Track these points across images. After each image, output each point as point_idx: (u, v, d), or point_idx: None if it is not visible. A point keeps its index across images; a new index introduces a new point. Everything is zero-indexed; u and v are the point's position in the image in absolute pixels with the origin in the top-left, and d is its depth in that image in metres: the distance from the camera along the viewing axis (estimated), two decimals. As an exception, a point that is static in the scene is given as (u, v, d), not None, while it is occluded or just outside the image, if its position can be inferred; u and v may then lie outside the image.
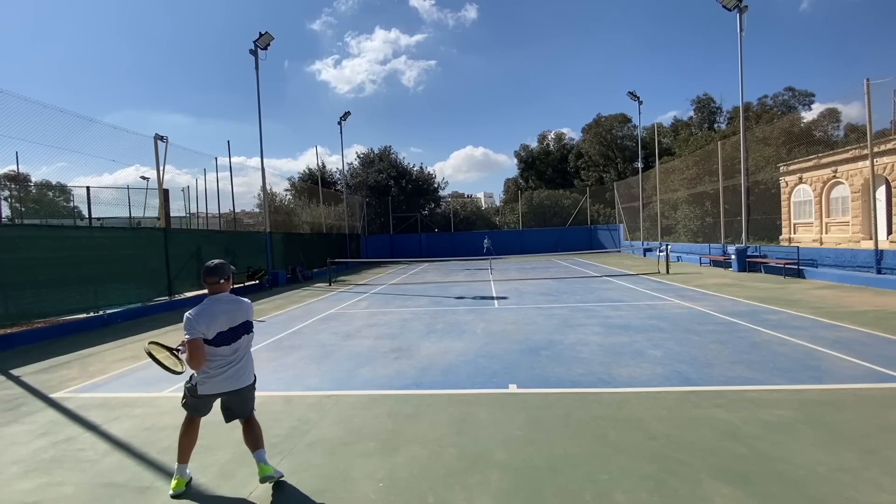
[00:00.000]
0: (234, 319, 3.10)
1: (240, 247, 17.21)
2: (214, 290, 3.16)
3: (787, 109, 36.54)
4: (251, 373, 3.24)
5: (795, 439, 3.53)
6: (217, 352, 3.04)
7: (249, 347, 3.25)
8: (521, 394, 4.83)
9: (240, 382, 3.13)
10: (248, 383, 3.20)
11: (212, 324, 3.01)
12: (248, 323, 3.20)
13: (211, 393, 3.09)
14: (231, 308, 3.13)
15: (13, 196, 19.19)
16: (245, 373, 3.17)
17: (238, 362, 3.12)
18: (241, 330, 3.14)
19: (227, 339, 3.06)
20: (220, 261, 3.24)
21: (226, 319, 3.07)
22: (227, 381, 3.08)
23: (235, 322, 3.10)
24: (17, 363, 7.02)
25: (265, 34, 18.58)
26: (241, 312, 3.15)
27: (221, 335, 3.04)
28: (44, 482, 3.36)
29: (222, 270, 3.21)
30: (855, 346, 6.12)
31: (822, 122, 29.26)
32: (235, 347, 3.10)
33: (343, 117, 29.59)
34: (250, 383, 3.22)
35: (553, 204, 38.07)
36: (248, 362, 3.22)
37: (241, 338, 3.13)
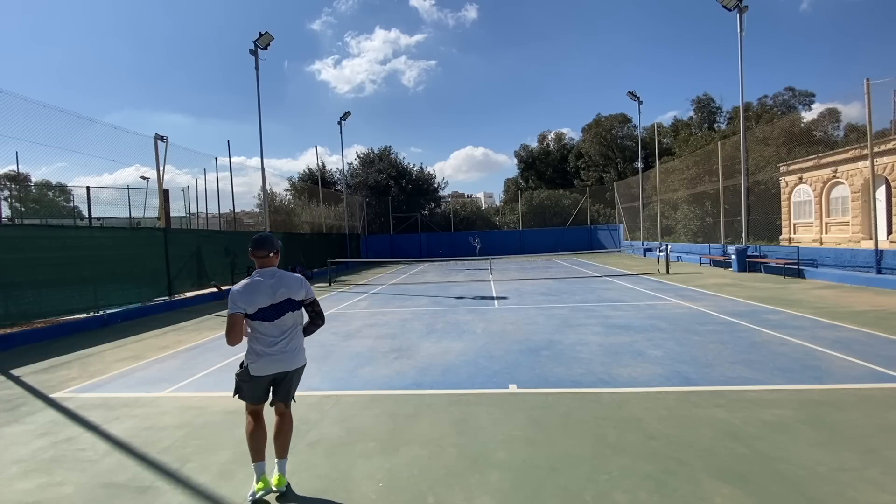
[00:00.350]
0: (277, 296, 2.99)
1: (240, 247, 17.20)
2: (262, 265, 3.06)
3: (787, 109, 36.53)
4: (301, 355, 3.14)
5: (795, 439, 3.53)
6: (260, 328, 2.97)
7: (297, 327, 3.13)
8: (521, 394, 4.83)
9: (289, 364, 3.05)
10: (298, 366, 3.12)
11: (253, 299, 2.93)
12: (292, 301, 3.04)
13: (263, 374, 3.00)
14: (274, 283, 3.01)
15: (13, 196, 19.20)
16: (294, 354, 3.08)
17: (286, 341, 3.03)
18: (286, 307, 3.01)
19: (270, 316, 2.96)
20: (268, 233, 3.13)
21: (268, 295, 2.97)
22: (277, 362, 3.00)
23: (277, 298, 2.98)
24: (17, 363, 7.02)
25: (265, 34, 18.57)
26: (283, 289, 3.02)
27: (263, 311, 2.95)
28: (44, 482, 3.36)
29: (271, 244, 3.08)
30: (855, 346, 6.12)
31: (822, 122, 29.25)
32: (280, 325, 3.00)
33: (343, 117, 29.59)
34: (300, 366, 3.14)
35: (553, 204, 38.07)
36: (298, 343, 3.12)
37: (285, 315, 3.01)
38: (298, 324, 3.15)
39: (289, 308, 3.03)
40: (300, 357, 3.14)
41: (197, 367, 6.38)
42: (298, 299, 3.08)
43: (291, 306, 3.05)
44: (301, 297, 3.09)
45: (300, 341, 3.15)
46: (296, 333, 3.12)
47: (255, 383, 3.04)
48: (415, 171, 40.59)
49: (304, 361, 3.18)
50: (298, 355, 3.12)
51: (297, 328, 3.13)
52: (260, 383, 3.05)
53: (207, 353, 7.19)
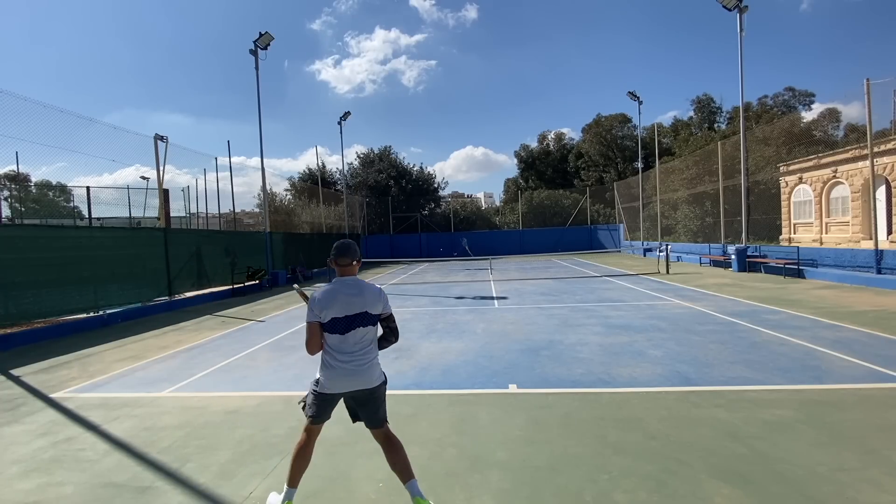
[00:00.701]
0: (352, 307, 2.73)
1: (240, 247, 17.21)
2: (343, 273, 2.84)
3: (787, 109, 36.54)
4: (376, 372, 2.82)
5: (795, 439, 3.53)
6: (330, 340, 2.75)
7: (371, 342, 2.83)
8: (521, 394, 4.83)
9: (362, 382, 2.76)
10: (373, 384, 2.79)
11: (328, 307, 2.71)
12: (368, 314, 2.77)
13: (332, 391, 2.76)
14: (351, 293, 2.76)
15: (13, 196, 19.21)
16: (368, 371, 2.77)
17: (358, 357, 2.75)
18: (358, 321, 2.74)
19: (341, 328, 2.72)
20: (350, 240, 2.92)
21: (343, 305, 2.73)
22: (346, 377, 2.73)
23: (352, 311, 2.73)
24: (17, 363, 7.02)
25: (265, 34, 18.59)
26: (359, 300, 2.75)
27: (335, 322, 2.72)
28: (44, 482, 3.36)
29: (354, 251, 2.86)
30: (855, 346, 6.12)
31: (822, 122, 29.25)
32: (352, 339, 2.74)
33: (343, 117, 29.60)
34: (375, 385, 2.81)
35: (553, 204, 38.08)
36: (371, 358, 2.81)
37: (357, 329, 2.74)
38: (372, 339, 2.85)
39: (361, 323, 2.76)
40: (375, 374, 2.81)
41: (197, 367, 6.38)
42: (375, 313, 2.81)
43: (366, 320, 2.78)
44: (378, 311, 2.83)
45: (374, 357, 2.85)
46: (369, 349, 2.82)
47: (323, 401, 2.80)
48: (415, 171, 40.63)
49: (380, 379, 2.85)
50: (372, 372, 2.80)
51: (370, 343, 2.83)
52: (326, 400, 2.80)
53: (207, 353, 7.19)
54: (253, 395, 5.12)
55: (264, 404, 4.80)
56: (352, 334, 2.74)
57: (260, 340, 7.96)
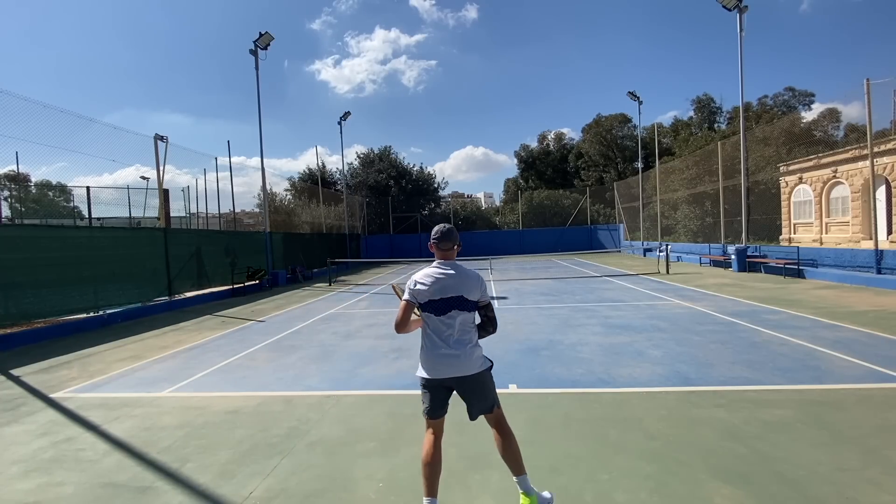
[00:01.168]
0: (446, 290, 2.71)
1: (240, 247, 17.22)
2: (443, 257, 2.82)
3: (787, 109, 36.53)
4: (476, 358, 2.77)
5: (795, 439, 3.53)
6: (429, 322, 2.74)
7: (470, 328, 2.79)
8: (521, 394, 4.82)
9: (461, 368, 2.71)
10: (474, 371, 2.74)
11: (425, 290, 2.71)
12: (462, 299, 2.71)
13: (432, 377, 2.72)
14: (447, 276, 2.74)
15: (13, 196, 19.21)
16: (467, 358, 2.72)
17: (455, 341, 2.71)
18: (453, 304, 2.71)
19: (436, 310, 2.71)
20: (451, 225, 2.90)
21: (438, 288, 2.71)
22: (445, 364, 2.70)
23: (447, 294, 2.70)
24: (17, 363, 7.02)
25: (265, 34, 18.60)
26: (455, 285, 2.72)
27: (431, 304, 2.71)
28: (44, 482, 3.36)
29: (455, 236, 2.85)
30: (855, 346, 6.12)
31: (822, 122, 29.24)
32: (447, 322, 2.71)
33: (343, 117, 29.61)
34: (477, 371, 2.76)
35: (553, 204, 38.07)
36: (470, 344, 2.76)
37: (452, 311, 2.71)
38: (470, 324, 2.80)
39: (457, 306, 2.72)
40: (476, 361, 2.76)
41: (197, 367, 6.38)
42: (472, 299, 2.75)
43: (462, 304, 2.72)
44: (475, 297, 2.77)
45: (473, 343, 2.79)
46: (467, 334, 2.77)
47: (427, 391, 2.78)
48: (415, 171, 40.63)
49: (483, 366, 2.80)
50: (473, 359, 2.75)
51: (469, 329, 2.79)
52: (434, 392, 2.77)
53: (208, 353, 7.19)
54: (253, 395, 5.12)
55: (264, 404, 4.80)
56: (447, 317, 2.71)
57: (260, 340, 7.96)
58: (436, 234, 2.82)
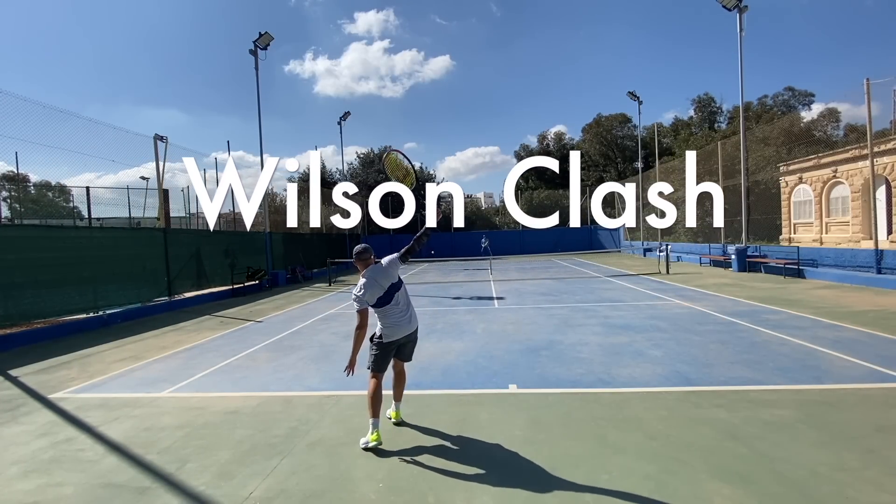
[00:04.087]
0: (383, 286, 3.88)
1: (240, 247, 17.21)
2: (366, 266, 3.95)
3: (787, 109, 36.56)
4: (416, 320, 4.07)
5: (795, 439, 3.53)
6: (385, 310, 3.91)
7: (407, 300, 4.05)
8: (521, 394, 4.82)
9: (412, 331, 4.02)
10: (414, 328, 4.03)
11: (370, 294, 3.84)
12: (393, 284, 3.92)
13: (394, 339, 3.92)
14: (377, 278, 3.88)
15: (12, 197, 19.21)
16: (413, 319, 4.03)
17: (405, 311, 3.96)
18: (392, 290, 3.90)
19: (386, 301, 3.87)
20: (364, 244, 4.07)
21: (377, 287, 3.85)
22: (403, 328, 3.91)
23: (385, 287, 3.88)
24: (16, 363, 7.02)
25: (265, 34, 18.61)
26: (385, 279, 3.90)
27: (380, 298, 3.85)
28: (43, 483, 3.35)
29: (369, 251, 4.03)
30: (855, 346, 6.11)
31: (822, 121, 29.26)
32: (396, 302, 3.90)
33: (343, 117, 29.61)
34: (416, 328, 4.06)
35: (553, 204, 37.98)
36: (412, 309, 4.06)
37: (394, 294, 3.90)
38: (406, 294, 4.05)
39: (395, 289, 3.92)
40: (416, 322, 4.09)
41: (197, 368, 6.38)
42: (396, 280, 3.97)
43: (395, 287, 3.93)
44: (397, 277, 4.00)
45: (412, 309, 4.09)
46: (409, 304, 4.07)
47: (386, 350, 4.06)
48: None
49: None
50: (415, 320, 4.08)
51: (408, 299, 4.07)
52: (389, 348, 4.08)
53: (207, 354, 7.18)
54: (253, 395, 5.12)
55: (264, 404, 4.80)
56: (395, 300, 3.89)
57: (260, 341, 7.96)
58: (355, 253, 3.98)
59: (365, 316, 3.75)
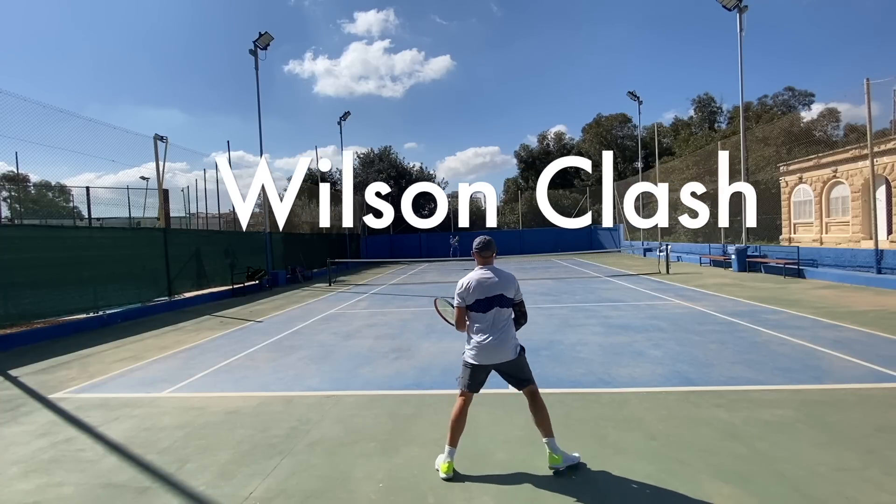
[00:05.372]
0: (490, 290, 3.24)
1: (239, 247, 17.22)
2: (484, 262, 3.35)
3: (787, 109, 36.55)
4: (512, 346, 3.29)
5: (795, 439, 3.53)
6: (474, 318, 3.27)
7: (506, 320, 3.30)
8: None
9: (503, 355, 3.25)
10: (511, 357, 3.28)
11: (472, 291, 3.25)
12: (502, 297, 3.25)
13: (478, 363, 3.26)
14: (489, 278, 3.26)
15: (12, 196, 19.20)
16: (505, 345, 3.26)
17: (497, 332, 3.24)
18: (494, 302, 3.23)
19: (482, 307, 3.23)
20: (489, 237, 3.42)
21: (483, 289, 3.23)
22: (490, 352, 3.23)
23: (490, 293, 3.24)
24: (16, 363, 7.02)
25: (265, 34, 18.61)
26: (496, 285, 3.24)
27: (479, 302, 3.23)
28: (43, 483, 3.35)
29: (494, 246, 3.41)
30: (855, 345, 6.11)
31: (821, 121, 29.26)
32: (490, 316, 3.24)
33: (343, 117, 29.61)
34: (514, 357, 3.30)
35: (553, 204, 37.92)
36: (507, 334, 3.29)
37: (493, 308, 3.23)
38: (507, 318, 3.32)
39: (498, 303, 3.25)
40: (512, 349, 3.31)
41: (197, 368, 6.38)
42: (509, 296, 3.30)
43: (501, 301, 3.26)
44: (511, 295, 3.31)
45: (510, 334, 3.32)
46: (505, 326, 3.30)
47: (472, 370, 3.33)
48: (415, 171, 40.62)
49: (516, 352, 3.33)
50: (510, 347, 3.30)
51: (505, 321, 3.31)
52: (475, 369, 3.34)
53: (207, 354, 7.18)
54: (253, 395, 5.12)
55: (264, 405, 4.80)
56: (490, 313, 3.23)
57: (260, 341, 7.96)
58: (478, 244, 3.38)
59: (461, 316, 3.28)
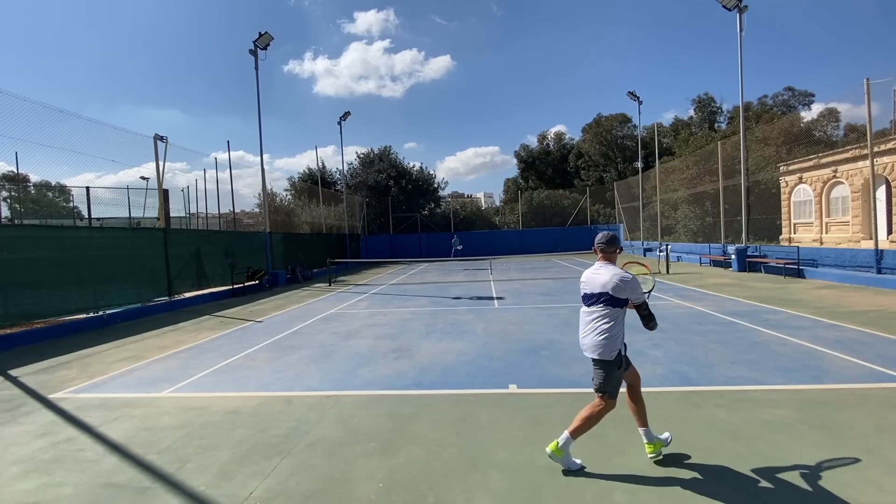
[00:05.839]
0: (593, 286, 3.30)
1: (239, 247, 17.21)
2: (603, 259, 3.39)
3: (787, 109, 36.56)
4: (595, 345, 3.24)
5: (795, 439, 3.53)
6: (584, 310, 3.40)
7: (597, 319, 3.27)
8: (521, 394, 4.82)
9: (586, 350, 3.33)
10: (590, 355, 3.29)
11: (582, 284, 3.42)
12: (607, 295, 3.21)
13: None
14: (597, 274, 3.31)
15: (12, 196, 19.21)
16: (588, 341, 3.30)
17: (586, 326, 3.34)
18: (594, 298, 3.28)
19: (586, 300, 3.38)
20: (613, 232, 3.44)
21: (589, 283, 3.34)
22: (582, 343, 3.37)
23: (592, 289, 3.31)
24: (16, 363, 7.02)
25: (264, 34, 18.59)
26: (601, 282, 3.25)
27: (585, 296, 3.39)
28: (43, 483, 3.35)
29: (617, 242, 3.43)
30: (855, 345, 6.11)
31: (821, 121, 29.25)
32: (588, 310, 3.34)
33: (343, 117, 29.60)
34: (594, 356, 3.26)
35: (553, 204, 38.05)
36: (594, 332, 3.26)
37: (594, 304, 3.28)
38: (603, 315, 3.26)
39: (599, 300, 3.26)
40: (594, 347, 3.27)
41: (197, 368, 6.38)
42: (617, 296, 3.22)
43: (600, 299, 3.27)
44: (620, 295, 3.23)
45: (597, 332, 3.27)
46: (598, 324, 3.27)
47: None
48: (415, 171, 40.60)
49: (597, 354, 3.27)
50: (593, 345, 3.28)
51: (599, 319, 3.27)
52: None
53: (207, 354, 7.18)
54: (253, 395, 5.12)
55: (264, 404, 4.80)
56: (591, 306, 3.33)
57: (260, 341, 7.96)
58: (601, 239, 3.40)
59: None
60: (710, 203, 23.26)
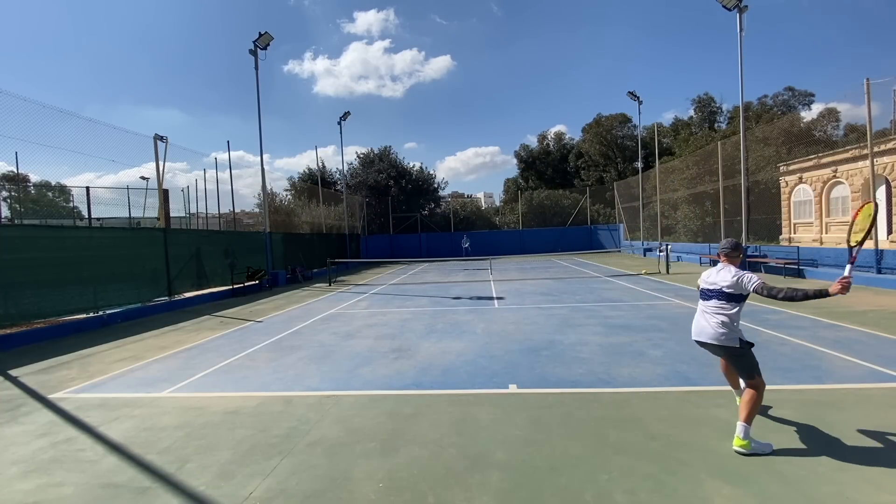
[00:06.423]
0: (710, 283, 3.73)
1: (239, 247, 17.21)
2: (725, 262, 3.74)
3: (787, 109, 36.56)
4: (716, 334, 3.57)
5: (794, 439, 3.53)
6: None
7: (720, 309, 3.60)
8: (521, 394, 4.82)
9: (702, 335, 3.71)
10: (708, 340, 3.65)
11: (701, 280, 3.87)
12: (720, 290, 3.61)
13: None
14: (715, 272, 3.74)
15: (12, 196, 19.21)
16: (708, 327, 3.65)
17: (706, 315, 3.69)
18: (710, 294, 3.69)
19: (702, 295, 3.80)
20: (736, 240, 3.87)
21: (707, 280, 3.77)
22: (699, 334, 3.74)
23: (709, 286, 3.74)
24: (16, 363, 7.02)
25: (264, 34, 18.58)
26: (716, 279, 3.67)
27: (702, 291, 3.80)
28: (43, 483, 3.35)
29: (741, 249, 3.81)
30: (855, 346, 6.12)
31: (821, 121, 29.24)
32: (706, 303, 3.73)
33: (343, 117, 29.60)
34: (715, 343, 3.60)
35: (553, 204, 38.05)
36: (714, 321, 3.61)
37: (712, 299, 3.67)
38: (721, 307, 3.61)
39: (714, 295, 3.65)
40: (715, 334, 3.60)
41: (197, 368, 6.38)
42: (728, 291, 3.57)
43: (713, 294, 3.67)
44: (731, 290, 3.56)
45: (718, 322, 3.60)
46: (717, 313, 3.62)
47: None
48: (414, 171, 40.60)
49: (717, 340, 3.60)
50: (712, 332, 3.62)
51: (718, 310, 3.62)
52: None
53: (207, 354, 7.18)
54: (253, 395, 5.12)
55: (264, 404, 4.80)
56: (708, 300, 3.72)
57: (260, 340, 7.96)
58: (726, 245, 3.80)
59: None
60: (710, 203, 23.26)
